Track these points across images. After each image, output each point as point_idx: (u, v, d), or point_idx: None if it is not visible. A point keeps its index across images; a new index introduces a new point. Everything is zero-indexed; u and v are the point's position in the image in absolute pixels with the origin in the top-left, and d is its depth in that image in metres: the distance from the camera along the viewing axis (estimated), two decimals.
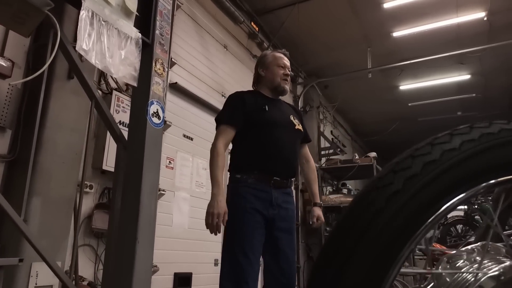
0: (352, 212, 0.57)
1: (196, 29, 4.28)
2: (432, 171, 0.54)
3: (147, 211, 1.60)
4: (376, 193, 0.55)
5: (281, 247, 1.99)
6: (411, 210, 0.53)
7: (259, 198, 1.95)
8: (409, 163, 0.56)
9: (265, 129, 2.03)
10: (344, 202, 6.09)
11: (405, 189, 0.53)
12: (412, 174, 0.54)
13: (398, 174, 0.55)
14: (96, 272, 2.83)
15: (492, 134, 0.57)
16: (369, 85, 7.44)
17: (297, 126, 2.17)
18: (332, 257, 0.55)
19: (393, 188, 0.54)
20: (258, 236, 1.93)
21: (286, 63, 2.22)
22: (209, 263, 4.05)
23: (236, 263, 1.86)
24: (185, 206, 3.80)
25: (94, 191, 2.91)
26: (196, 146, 4.09)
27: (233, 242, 1.92)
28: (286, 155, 2.06)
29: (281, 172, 2.03)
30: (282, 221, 2.01)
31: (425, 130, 10.14)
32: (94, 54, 1.46)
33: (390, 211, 0.53)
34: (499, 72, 7.19)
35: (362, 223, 0.54)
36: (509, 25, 5.71)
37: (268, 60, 2.23)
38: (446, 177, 0.54)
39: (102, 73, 3.02)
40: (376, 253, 0.52)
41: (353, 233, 0.54)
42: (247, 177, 1.98)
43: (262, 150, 2.01)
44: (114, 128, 1.73)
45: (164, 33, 1.91)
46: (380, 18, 5.67)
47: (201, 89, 4.21)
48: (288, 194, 2.10)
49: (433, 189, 0.54)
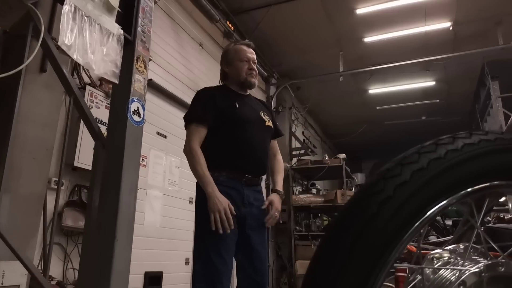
0: (346, 217, 0.61)
1: (172, 26, 4.24)
2: (421, 179, 0.59)
3: (126, 210, 1.58)
4: (368, 199, 0.59)
5: (254, 245, 1.97)
6: (402, 215, 0.57)
7: (230, 195, 1.91)
8: (398, 171, 0.61)
9: (236, 126, 1.99)
10: (314, 202, 6.21)
11: (396, 195, 0.58)
12: (402, 181, 0.59)
13: (389, 181, 0.60)
14: (65, 271, 2.75)
15: (472, 144, 0.62)
16: (340, 88, 7.61)
17: (267, 122, 2.14)
18: (329, 259, 0.58)
19: (384, 194, 0.58)
20: (231, 234, 1.88)
21: (249, 56, 2.13)
22: (180, 262, 4.03)
23: (210, 263, 1.82)
24: (157, 205, 3.77)
25: (65, 188, 2.83)
26: (170, 144, 4.05)
27: (206, 242, 1.87)
28: (257, 152, 2.03)
29: (253, 169, 2.01)
30: (254, 219, 1.99)
31: (391, 133, 10.54)
32: (76, 49, 1.43)
33: (383, 216, 0.57)
34: (462, 79, 7.56)
35: (357, 226, 0.58)
36: (472, 36, 6.02)
37: (231, 55, 2.16)
38: (433, 184, 0.59)
39: (75, 67, 2.94)
40: (371, 256, 0.56)
41: (349, 236, 0.58)
42: (218, 175, 1.92)
43: (234, 147, 1.97)
44: (93, 126, 1.70)
45: (146, 30, 1.90)
46: (352, 24, 5.83)
47: (176, 87, 4.18)
48: (259, 192, 2.08)
49: (422, 195, 0.58)
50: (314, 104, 8.10)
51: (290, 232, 6.08)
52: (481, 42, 5.92)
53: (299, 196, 6.35)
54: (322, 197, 6.37)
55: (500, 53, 5.86)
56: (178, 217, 4.04)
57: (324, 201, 6.18)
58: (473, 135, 0.64)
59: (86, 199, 2.94)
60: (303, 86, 7.48)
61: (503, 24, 5.66)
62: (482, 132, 0.64)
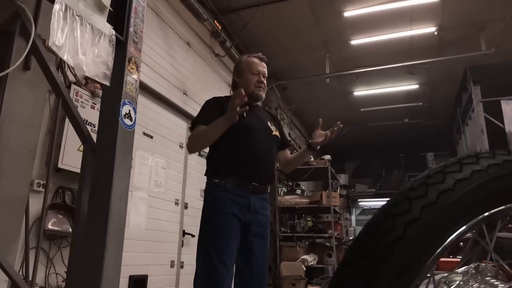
0: (369, 238, 0.58)
1: (159, 25, 4.16)
2: (448, 200, 0.57)
3: (116, 218, 1.53)
4: (393, 220, 0.57)
5: (254, 251, 2.00)
6: (428, 238, 0.55)
7: (237, 203, 1.95)
8: (423, 191, 0.58)
9: (243, 134, 2.03)
10: (299, 203, 6.22)
11: (423, 217, 0.56)
12: (429, 202, 0.56)
13: (414, 202, 0.57)
14: (47, 276, 2.66)
15: (497, 165, 0.60)
16: (326, 90, 7.65)
17: (274, 132, 2.19)
18: (351, 280, 0.56)
19: (410, 216, 0.56)
20: (235, 242, 1.94)
21: (260, 69, 2.20)
22: (165, 265, 3.96)
23: (213, 269, 1.85)
24: (143, 207, 3.69)
25: (48, 191, 2.73)
26: (156, 145, 3.98)
27: (210, 247, 1.91)
28: (263, 160, 2.07)
29: (259, 177, 2.04)
30: (258, 226, 2.03)
31: (374, 135, 10.67)
32: (67, 50, 1.37)
33: (409, 239, 0.55)
34: (444, 83, 7.70)
35: (382, 250, 0.55)
36: (456, 41, 6.13)
37: (242, 67, 2.23)
38: (459, 206, 0.57)
39: (60, 65, 2.84)
40: (394, 280, 0.54)
41: (373, 259, 0.55)
42: (225, 182, 1.98)
43: (241, 155, 2.01)
44: (82, 129, 1.63)
45: (138, 30, 1.84)
46: (339, 26, 5.85)
47: (162, 86, 4.10)
48: (265, 200, 2.12)
49: (448, 216, 0.56)
50: (299, 105, 8.12)
51: (275, 233, 6.07)
52: (464, 47, 6.04)
53: (284, 197, 6.35)
54: (308, 198, 6.39)
55: (483, 59, 5.99)
56: (163, 219, 3.97)
57: (309, 202, 6.20)
58: (496, 155, 0.62)
59: (70, 201, 2.85)
60: (289, 87, 7.48)
61: (486, 30, 5.78)
62: (505, 152, 0.63)
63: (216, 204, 1.96)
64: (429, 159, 11.02)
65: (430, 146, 11.16)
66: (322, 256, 6.03)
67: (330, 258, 5.83)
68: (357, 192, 11.68)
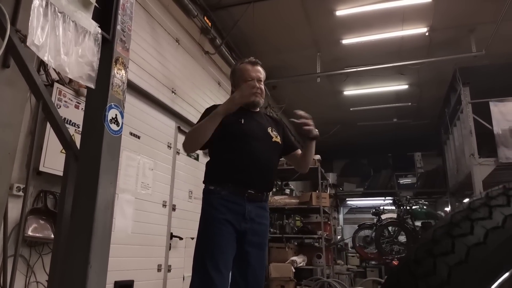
0: None
1: (147, 20, 4.02)
2: (497, 240, 0.48)
3: (101, 231, 1.41)
4: (434, 260, 0.48)
5: (250, 261, 1.93)
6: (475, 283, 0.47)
7: (231, 210, 1.90)
8: (468, 228, 0.50)
9: (240, 141, 1.98)
10: (289, 204, 6.15)
11: (471, 259, 0.47)
12: (476, 243, 0.48)
13: (459, 241, 0.48)
14: (27, 285, 2.52)
15: None
16: (316, 89, 7.59)
17: (274, 138, 2.10)
18: None
19: (456, 258, 0.47)
20: (231, 249, 1.88)
21: (254, 75, 2.11)
22: (152, 269, 3.84)
23: (208, 277, 1.77)
24: (129, 209, 3.56)
25: (29, 195, 2.59)
26: (143, 145, 3.84)
27: (204, 254, 1.85)
28: (261, 167, 1.99)
29: (256, 185, 1.98)
30: (254, 235, 1.95)
31: (362, 134, 10.67)
32: (48, 50, 1.25)
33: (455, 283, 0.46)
34: (433, 84, 7.72)
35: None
36: (446, 42, 6.13)
37: (237, 76, 2.17)
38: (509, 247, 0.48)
39: (42, 61, 2.69)
40: None
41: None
42: (220, 189, 1.94)
43: (237, 162, 1.95)
44: (64, 134, 1.51)
45: (126, 28, 1.72)
46: (331, 25, 5.78)
47: (150, 84, 3.97)
48: (263, 209, 2.04)
49: (497, 258, 0.48)
50: (289, 104, 8.05)
51: None
52: (454, 48, 6.04)
53: (274, 198, 6.27)
54: (297, 199, 6.32)
55: (472, 60, 6.00)
56: (150, 222, 3.85)
57: (299, 202, 6.13)
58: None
59: (53, 206, 2.71)
60: (279, 86, 7.39)
61: (476, 31, 5.79)
62: None
63: (210, 211, 1.91)
64: (417, 158, 11.10)
65: (418, 146, 11.23)
66: (311, 257, 5.98)
67: (319, 260, 5.78)
68: (346, 191, 11.68)
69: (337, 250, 8.34)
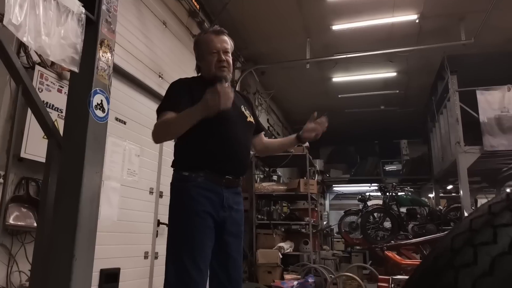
0: None
1: (133, 1, 3.87)
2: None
3: (86, 223, 1.35)
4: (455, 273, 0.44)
5: (230, 252, 1.84)
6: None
7: (209, 199, 1.76)
8: (491, 237, 0.46)
9: (215, 122, 1.75)
10: (277, 190, 6.14)
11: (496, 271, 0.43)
12: (501, 253, 0.44)
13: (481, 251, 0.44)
14: (9, 275, 2.45)
15: None
16: (305, 75, 7.52)
17: (248, 118, 1.97)
18: None
19: (479, 270, 0.43)
20: (209, 242, 1.76)
21: (218, 46, 1.88)
22: (139, 257, 3.80)
23: (185, 273, 1.67)
24: (115, 197, 3.48)
25: (10, 182, 2.49)
26: (129, 131, 3.75)
27: (181, 250, 1.71)
28: (238, 151, 1.86)
29: (234, 170, 1.85)
30: (233, 225, 1.86)
31: (350, 121, 10.69)
32: (27, 30, 1.16)
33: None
34: (421, 72, 7.73)
35: None
36: (436, 30, 6.11)
37: (201, 48, 1.95)
38: None
39: (22, 43, 2.56)
40: None
41: None
42: (196, 176, 1.76)
43: (213, 146, 1.79)
44: (47, 121, 1.42)
45: (112, 9, 1.63)
46: (322, 11, 5.69)
47: (137, 69, 3.85)
48: (239, 194, 1.93)
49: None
50: (277, 91, 7.99)
51: (252, 220, 5.98)
52: (444, 37, 6.02)
53: (261, 184, 6.26)
54: (285, 185, 6.32)
55: (461, 49, 6.00)
56: (137, 209, 3.78)
57: (286, 189, 6.13)
58: None
59: (35, 193, 2.63)
60: (268, 72, 7.31)
61: (466, 20, 5.77)
62: None
63: (187, 201, 1.75)
64: (403, 146, 11.21)
65: (404, 134, 11.33)
66: (298, 243, 6.01)
67: (306, 246, 5.81)
68: (332, 177, 11.76)
69: (323, 236, 8.42)
